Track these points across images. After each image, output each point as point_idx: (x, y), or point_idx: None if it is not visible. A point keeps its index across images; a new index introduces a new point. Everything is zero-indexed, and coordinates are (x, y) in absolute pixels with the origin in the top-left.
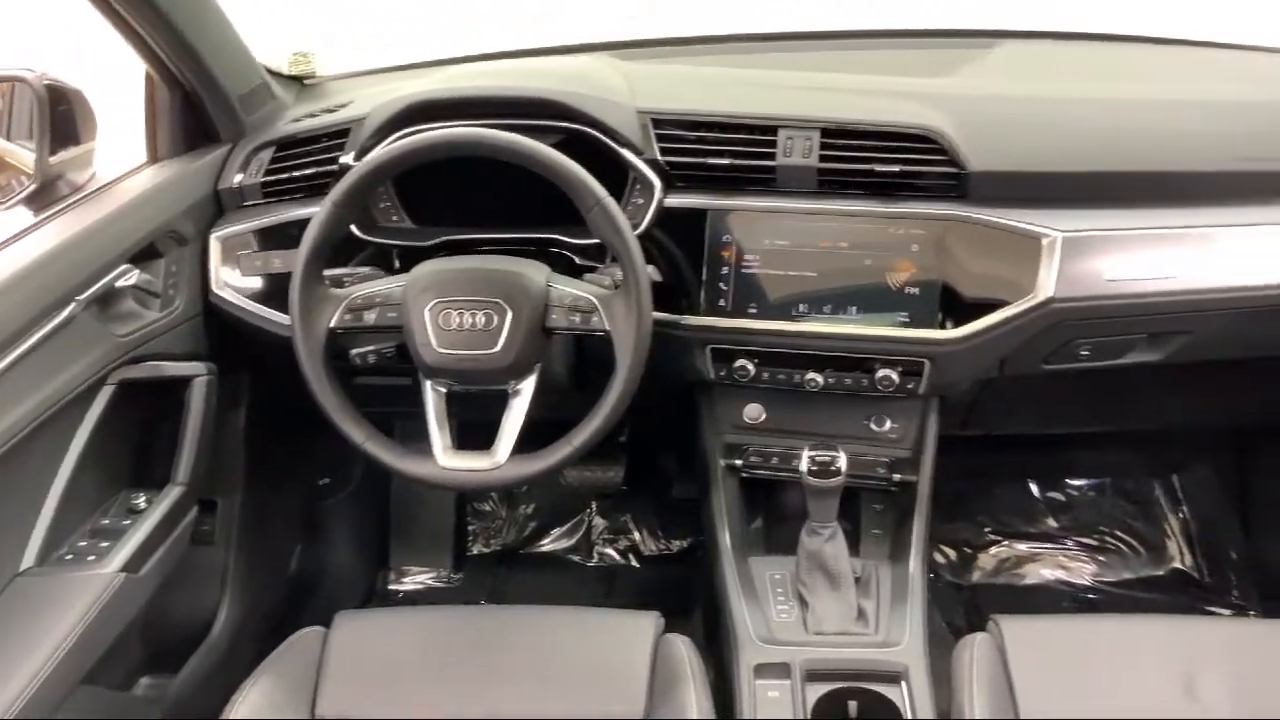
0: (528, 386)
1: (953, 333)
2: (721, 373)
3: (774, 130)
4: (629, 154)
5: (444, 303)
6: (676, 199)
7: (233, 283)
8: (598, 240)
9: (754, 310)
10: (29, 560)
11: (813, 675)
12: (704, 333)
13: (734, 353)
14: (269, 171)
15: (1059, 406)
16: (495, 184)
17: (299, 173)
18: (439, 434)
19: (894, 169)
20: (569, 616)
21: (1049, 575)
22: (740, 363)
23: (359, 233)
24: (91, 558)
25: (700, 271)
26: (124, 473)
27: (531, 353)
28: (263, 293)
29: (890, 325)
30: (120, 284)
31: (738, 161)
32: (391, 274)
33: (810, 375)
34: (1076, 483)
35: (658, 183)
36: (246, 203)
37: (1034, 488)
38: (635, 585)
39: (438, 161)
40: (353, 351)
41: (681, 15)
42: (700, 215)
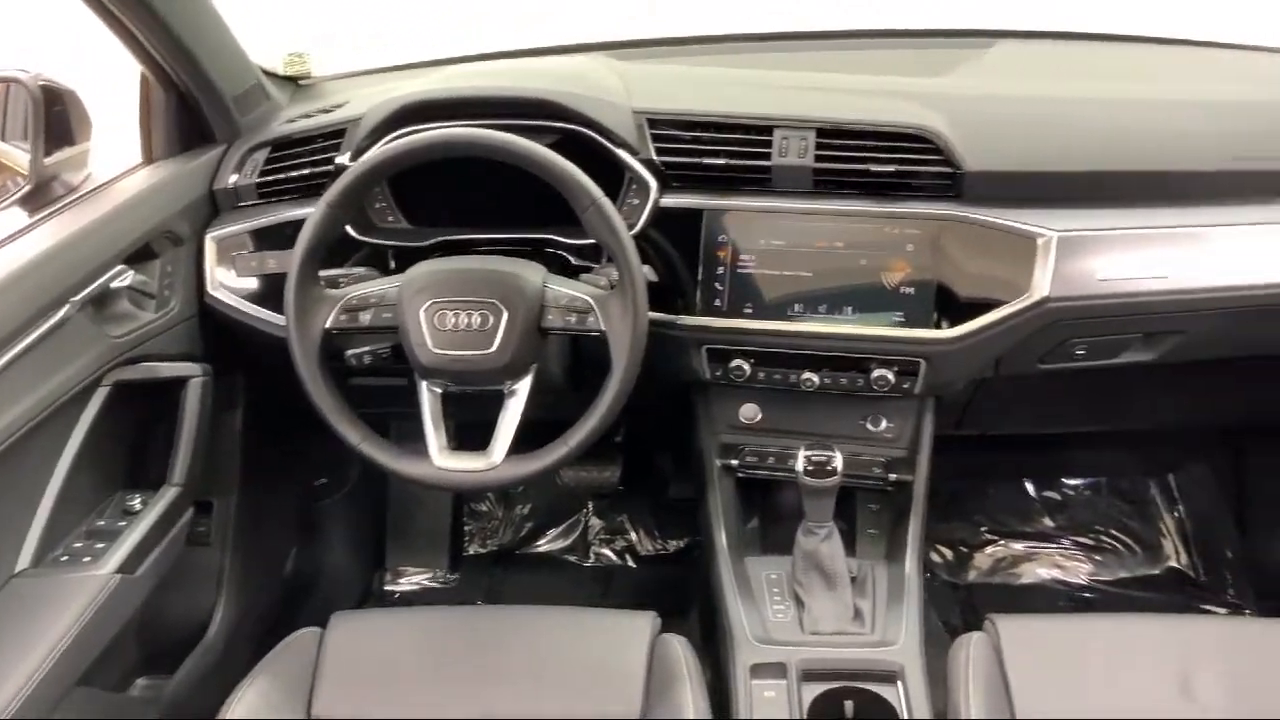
0: (523, 387)
1: (948, 332)
2: (717, 373)
3: (769, 130)
4: (624, 154)
5: (439, 303)
6: (672, 199)
7: (228, 283)
8: (593, 240)
9: (749, 310)
10: (24, 562)
11: (809, 675)
12: (700, 333)
13: (730, 353)
14: (264, 172)
15: (1054, 406)
16: (491, 184)
17: (294, 173)
18: (435, 434)
19: (889, 169)
20: (565, 617)
21: (1045, 574)
22: (736, 363)
23: (354, 233)
24: (87, 559)
25: (696, 271)
26: (119, 474)
27: (527, 353)
28: (258, 293)
29: (886, 325)
30: (115, 285)
31: (733, 161)
32: (387, 274)
33: (806, 375)
34: (1072, 482)
35: (653, 183)
36: (242, 203)
37: (1030, 487)
38: (632, 585)
39: (433, 162)
40: (348, 352)
41: (681, 15)
42: (696, 215)
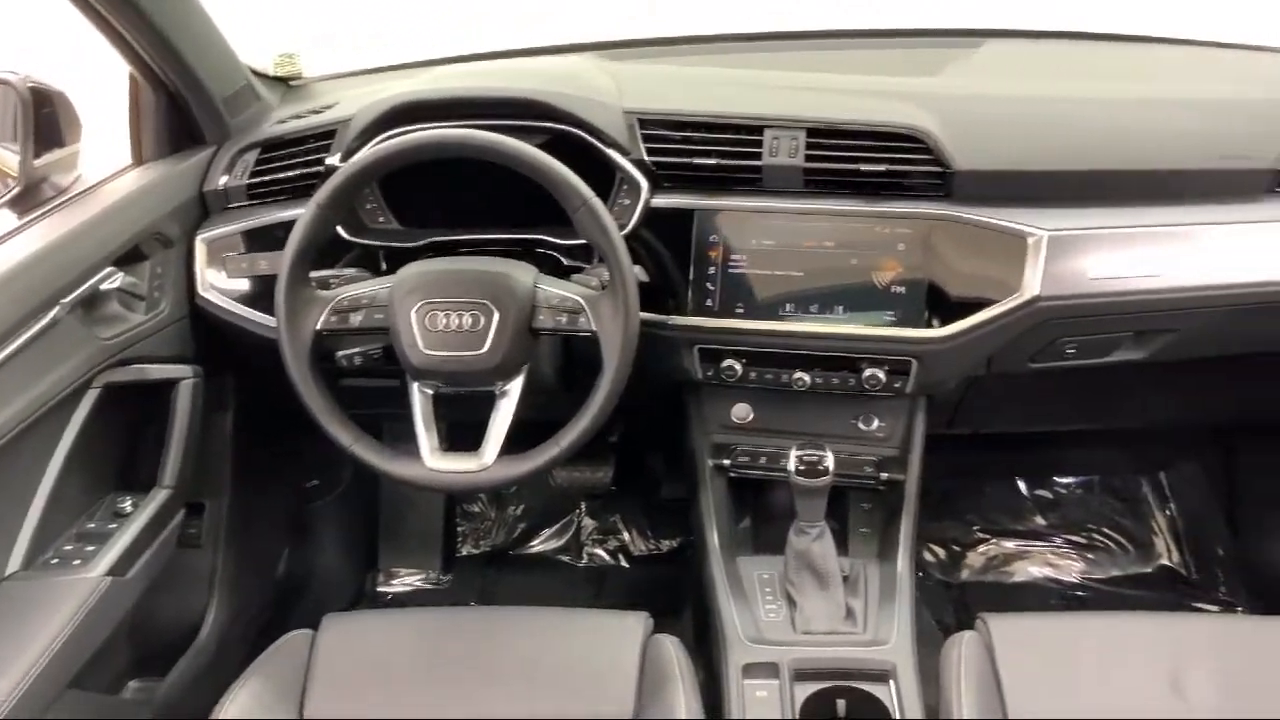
0: (515, 387)
1: (939, 331)
2: (709, 373)
3: (760, 130)
4: (615, 154)
5: (430, 304)
6: (663, 199)
7: (218, 285)
8: (584, 241)
9: (741, 310)
10: (15, 564)
11: (801, 675)
12: (691, 333)
13: (721, 353)
14: (254, 173)
15: (1046, 405)
16: (482, 185)
17: (285, 174)
18: (426, 435)
19: (880, 168)
20: (558, 617)
21: (1037, 573)
22: (728, 363)
23: (345, 234)
24: (78, 561)
25: (687, 272)
26: (110, 476)
27: (519, 354)
28: (249, 295)
29: (877, 324)
30: (105, 287)
31: (724, 161)
32: (378, 275)
33: (798, 375)
34: (1064, 480)
35: (644, 183)
36: (232, 205)
37: (1022, 486)
38: (625, 585)
39: (424, 162)
40: (339, 353)
41: (682, 15)
42: (687, 215)
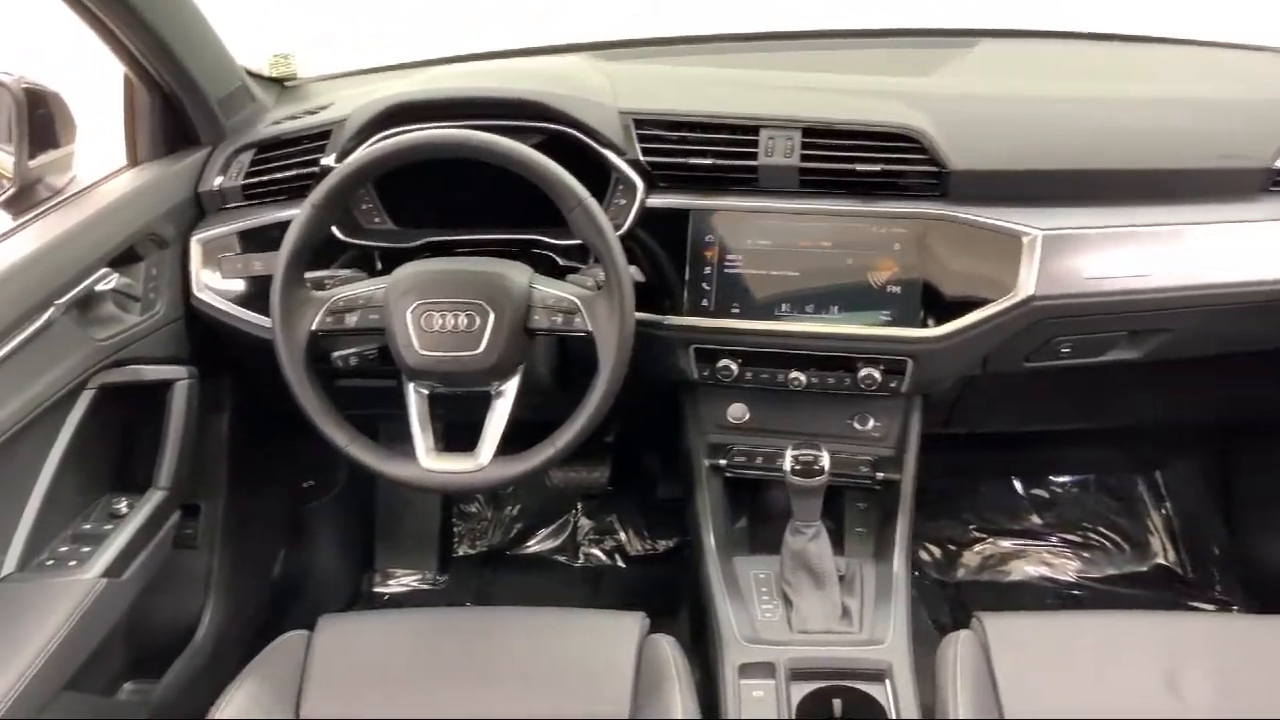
0: (511, 388)
1: (935, 331)
2: (705, 372)
3: (755, 130)
4: (611, 154)
5: (426, 304)
6: (659, 199)
7: (214, 285)
8: (580, 241)
9: (737, 310)
10: (10, 566)
11: (797, 674)
12: (687, 333)
13: (717, 352)
14: (249, 174)
15: (1041, 404)
16: (477, 185)
17: (280, 175)
18: (422, 436)
19: (875, 168)
20: (554, 617)
21: (1033, 572)
22: (723, 362)
23: (341, 235)
24: (73, 563)
25: (683, 272)
26: (105, 477)
27: (514, 354)
28: (244, 295)
29: (873, 324)
30: (100, 288)
31: (720, 161)
32: (374, 276)
33: (793, 374)
34: (1060, 479)
35: (640, 183)
36: (227, 205)
37: (1018, 485)
38: (621, 585)
39: (419, 163)
40: (335, 354)
41: (685, 14)
42: (683, 215)
